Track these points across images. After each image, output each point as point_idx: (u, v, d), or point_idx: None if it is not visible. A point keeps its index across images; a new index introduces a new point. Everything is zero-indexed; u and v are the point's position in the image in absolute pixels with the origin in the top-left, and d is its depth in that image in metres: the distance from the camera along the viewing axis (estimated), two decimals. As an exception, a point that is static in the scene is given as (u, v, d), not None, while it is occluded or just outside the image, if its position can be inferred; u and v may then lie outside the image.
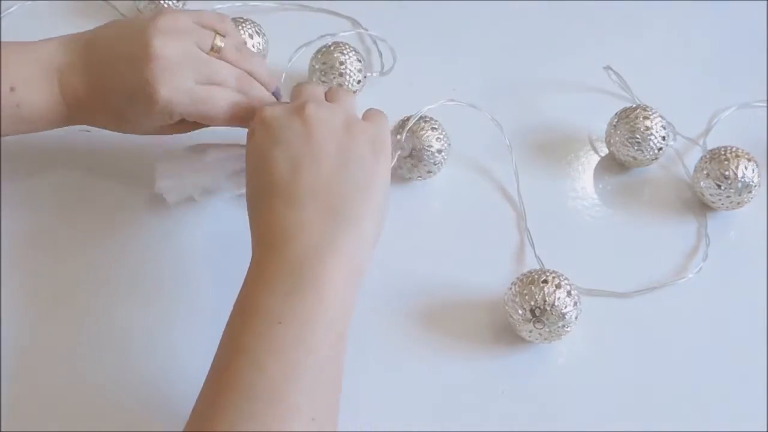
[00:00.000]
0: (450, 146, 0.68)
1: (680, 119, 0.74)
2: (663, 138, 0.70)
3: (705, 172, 0.68)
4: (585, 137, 0.75)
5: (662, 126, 0.70)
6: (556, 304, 0.58)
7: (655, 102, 0.72)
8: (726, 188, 0.67)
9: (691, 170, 0.70)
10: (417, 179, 0.69)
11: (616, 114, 0.71)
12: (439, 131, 0.67)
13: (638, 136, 0.69)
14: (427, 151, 0.67)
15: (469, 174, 0.71)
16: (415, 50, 0.81)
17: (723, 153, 0.68)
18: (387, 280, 0.62)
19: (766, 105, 0.78)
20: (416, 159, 0.67)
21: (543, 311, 0.58)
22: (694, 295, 0.64)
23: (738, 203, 0.68)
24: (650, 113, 0.70)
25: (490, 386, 0.59)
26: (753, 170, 0.67)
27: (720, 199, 0.68)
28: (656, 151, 0.70)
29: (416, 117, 0.67)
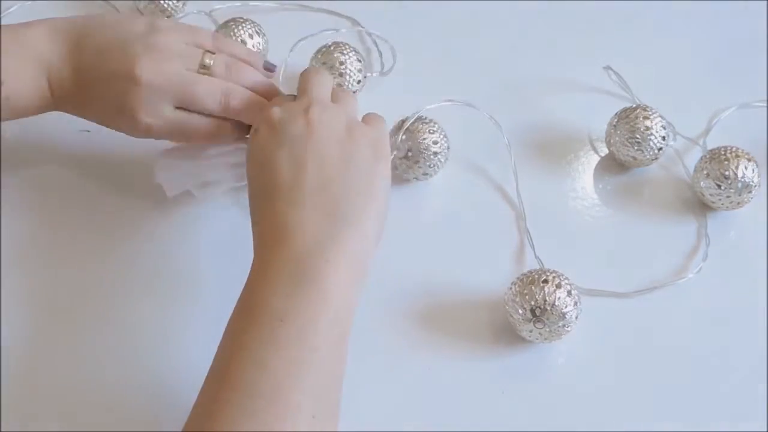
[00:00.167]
0: (449, 147, 0.68)
1: (680, 119, 0.74)
2: (663, 138, 0.70)
3: (705, 172, 0.68)
4: (585, 137, 0.75)
5: (662, 126, 0.70)
6: (557, 304, 0.58)
7: (655, 102, 0.72)
8: (726, 188, 0.67)
9: (691, 170, 0.70)
10: (414, 180, 0.69)
11: (616, 114, 0.71)
12: (438, 133, 0.67)
13: (638, 136, 0.69)
14: (424, 153, 0.67)
15: (469, 174, 0.71)
16: (415, 50, 0.81)
17: (723, 153, 0.68)
18: (387, 280, 0.62)
19: (766, 105, 0.78)
20: (413, 160, 0.67)
21: (543, 311, 0.58)
22: (694, 295, 0.64)
23: (738, 203, 0.68)
24: (650, 113, 0.70)
25: (490, 386, 0.59)
26: (753, 170, 0.67)
27: (720, 199, 0.68)
28: (656, 151, 0.70)
29: (413, 118, 0.67)
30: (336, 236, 0.52)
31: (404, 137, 0.67)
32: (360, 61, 0.74)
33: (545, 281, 0.58)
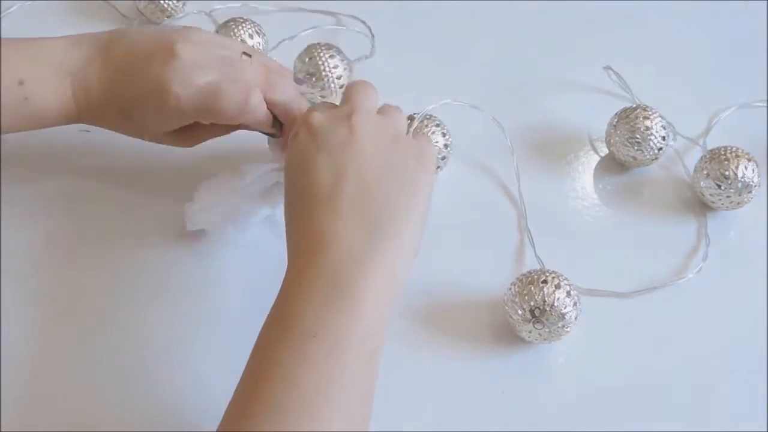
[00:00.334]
0: (452, 141, 0.68)
1: (680, 119, 0.74)
2: (663, 138, 0.70)
3: (705, 172, 0.68)
4: (585, 137, 0.75)
5: (662, 126, 0.70)
6: (556, 305, 0.58)
7: (655, 102, 0.72)
8: (726, 188, 0.67)
9: (691, 170, 0.70)
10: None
11: (616, 114, 0.71)
12: (442, 126, 0.68)
13: (638, 136, 0.69)
14: (434, 147, 0.67)
15: (470, 174, 0.71)
16: (415, 50, 0.81)
17: (723, 153, 0.68)
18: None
19: (766, 105, 0.78)
20: None
21: (543, 311, 0.58)
22: (694, 295, 0.64)
23: (738, 203, 0.68)
24: (650, 113, 0.70)
25: (490, 386, 0.59)
26: (753, 170, 0.67)
27: (720, 199, 0.68)
28: (656, 151, 0.70)
29: (422, 116, 0.67)
30: (374, 250, 0.51)
31: (413, 133, 0.67)
32: (333, 57, 0.73)
33: (544, 282, 0.58)
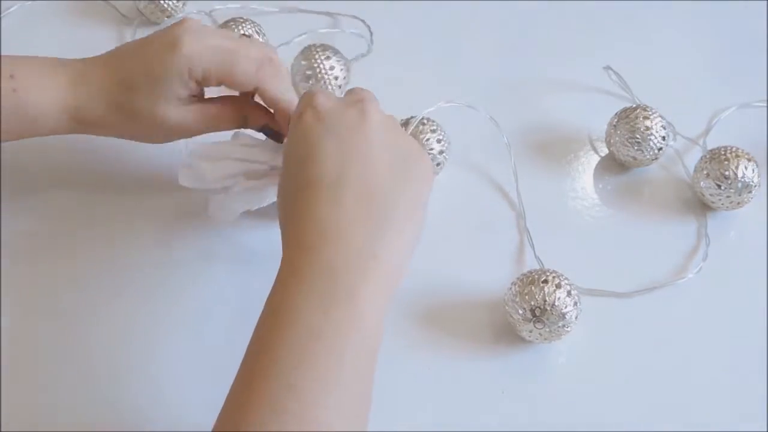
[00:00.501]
0: (450, 147, 0.68)
1: (680, 119, 0.74)
2: (663, 138, 0.70)
3: (705, 172, 0.68)
4: (585, 137, 0.75)
5: (662, 126, 0.70)
6: (556, 304, 0.58)
7: (655, 102, 0.72)
8: (726, 188, 0.67)
9: (691, 170, 0.70)
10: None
11: (616, 114, 0.71)
12: (439, 132, 0.67)
13: (638, 136, 0.69)
14: (430, 153, 0.67)
15: (469, 174, 0.71)
16: (415, 51, 0.81)
17: (723, 153, 0.68)
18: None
19: (766, 105, 0.78)
20: None
21: (543, 311, 0.58)
22: (694, 295, 0.64)
23: (738, 203, 0.68)
24: (650, 113, 0.70)
25: (490, 386, 0.59)
26: (753, 170, 0.67)
27: (720, 199, 0.68)
28: (656, 151, 0.70)
29: (416, 121, 0.67)
30: (377, 246, 0.49)
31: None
32: (329, 59, 0.73)
33: (545, 281, 0.58)
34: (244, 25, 0.75)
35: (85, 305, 0.60)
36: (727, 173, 0.67)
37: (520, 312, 0.58)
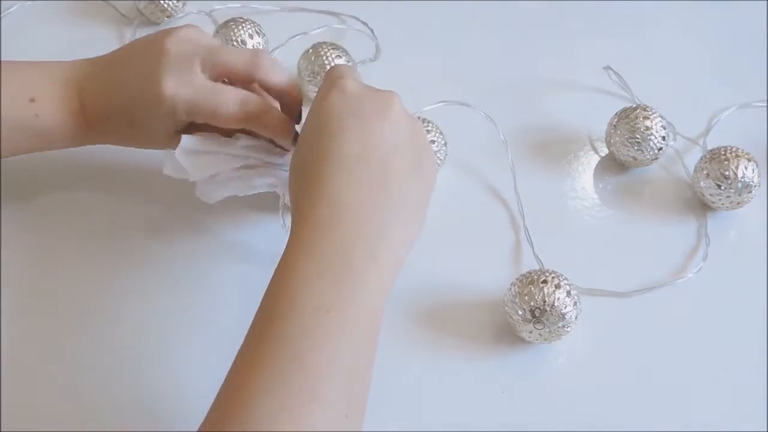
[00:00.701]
0: (446, 146, 0.68)
1: (680, 119, 0.74)
2: (663, 138, 0.70)
3: (705, 172, 0.68)
4: (585, 137, 0.75)
5: (662, 126, 0.70)
6: (556, 305, 0.58)
7: (655, 102, 0.72)
8: (726, 188, 0.67)
9: (691, 170, 0.70)
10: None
11: (616, 114, 0.71)
12: (433, 133, 0.67)
13: (638, 136, 0.69)
14: None
15: (468, 174, 0.71)
16: (415, 50, 0.81)
17: (723, 153, 0.68)
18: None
19: (766, 105, 0.78)
20: None
21: (543, 312, 0.58)
22: (694, 295, 0.64)
23: (738, 203, 0.68)
24: (650, 113, 0.70)
25: (489, 386, 0.59)
26: (753, 170, 0.67)
27: (720, 199, 0.68)
28: (656, 151, 0.70)
29: None
30: (390, 231, 0.50)
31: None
32: (340, 57, 0.73)
33: (544, 282, 0.58)
34: (244, 25, 0.75)
35: (85, 305, 0.60)
36: (727, 173, 0.67)
37: (520, 313, 0.58)
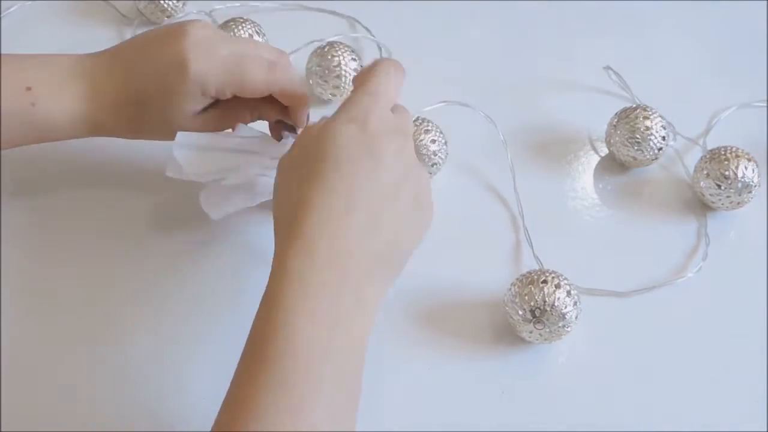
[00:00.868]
0: (447, 145, 0.68)
1: (680, 119, 0.74)
2: (663, 138, 0.70)
3: (705, 172, 0.68)
4: (585, 137, 0.75)
5: (662, 126, 0.70)
6: (556, 305, 0.58)
7: (655, 102, 0.72)
8: (726, 188, 0.67)
9: (691, 170, 0.70)
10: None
11: (616, 114, 0.71)
12: (434, 132, 0.67)
13: (638, 136, 0.69)
14: (424, 155, 0.67)
15: (468, 174, 0.71)
16: (415, 50, 0.81)
17: (723, 153, 0.68)
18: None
19: (766, 105, 0.78)
20: None
21: (543, 311, 0.58)
22: (694, 295, 0.64)
23: (738, 203, 0.68)
24: (650, 113, 0.70)
25: (490, 386, 0.59)
26: (753, 170, 0.67)
27: (720, 199, 0.68)
28: (656, 151, 0.70)
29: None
30: (374, 293, 0.51)
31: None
32: (355, 60, 0.74)
33: (544, 282, 0.58)
34: (244, 25, 0.75)
35: (86, 305, 0.60)
36: (727, 173, 0.67)
37: (520, 313, 0.58)
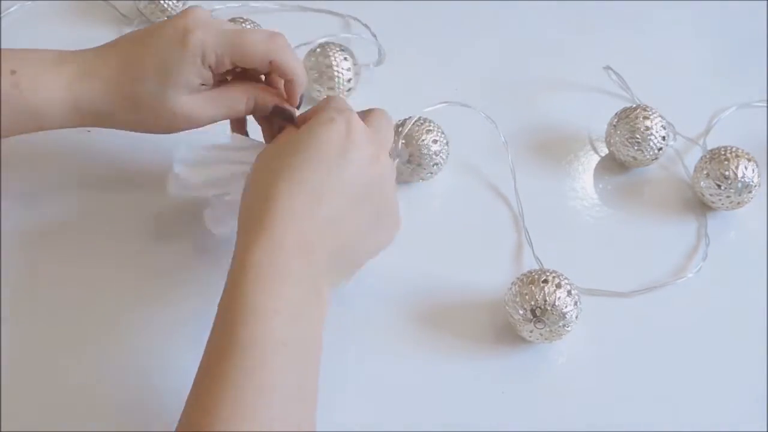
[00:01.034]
0: (448, 145, 0.68)
1: (680, 119, 0.74)
2: (663, 138, 0.70)
3: (705, 172, 0.68)
4: (585, 137, 0.75)
5: (662, 126, 0.70)
6: (557, 304, 0.58)
7: (655, 102, 0.72)
8: (726, 188, 0.67)
9: (691, 170, 0.70)
10: (419, 181, 0.69)
11: (616, 114, 0.71)
12: (435, 132, 0.67)
13: (638, 136, 0.69)
14: (426, 155, 0.67)
15: (469, 174, 0.71)
16: (415, 50, 0.81)
17: (723, 153, 0.68)
18: (387, 281, 0.62)
19: (766, 105, 0.78)
20: (415, 163, 0.67)
21: (543, 311, 0.58)
22: (694, 295, 0.64)
23: (738, 203, 0.68)
24: (650, 113, 0.70)
25: (490, 386, 0.59)
26: (753, 170, 0.67)
27: (720, 199, 0.68)
28: (656, 151, 0.70)
29: (411, 123, 0.67)
30: (335, 270, 0.53)
31: (403, 142, 0.67)
32: (347, 60, 0.73)
33: (545, 281, 0.58)
34: (244, 25, 0.75)
35: (86, 305, 0.60)
36: (727, 173, 0.67)
37: (521, 312, 0.58)
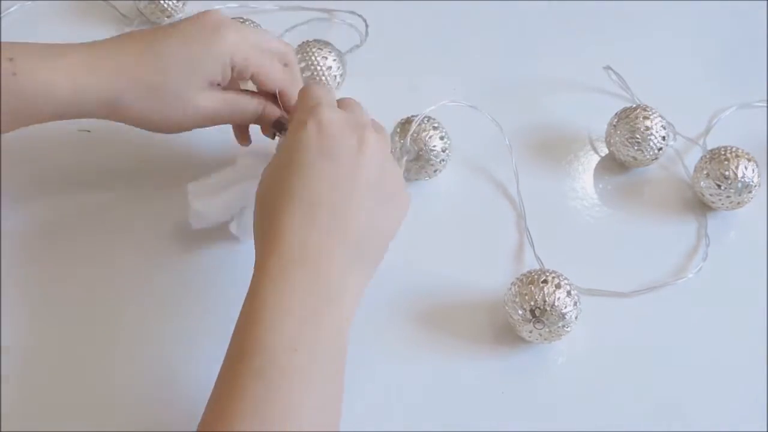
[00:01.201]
0: (451, 143, 0.68)
1: (680, 119, 0.74)
2: (663, 138, 0.70)
3: (705, 172, 0.68)
4: (585, 137, 0.75)
5: (662, 126, 0.70)
6: (556, 304, 0.58)
7: (655, 102, 0.72)
8: (726, 188, 0.67)
9: (691, 170, 0.70)
10: (425, 179, 0.69)
11: (616, 114, 0.71)
12: (440, 129, 0.68)
13: (638, 136, 0.69)
14: (432, 151, 0.67)
15: (469, 174, 0.71)
16: (415, 50, 0.81)
17: (723, 153, 0.68)
18: (387, 281, 0.62)
19: (766, 105, 0.78)
20: (423, 161, 0.67)
21: (543, 311, 0.58)
22: (694, 295, 0.64)
23: (738, 203, 0.68)
24: (650, 113, 0.70)
25: (490, 386, 0.59)
26: (753, 170, 0.67)
27: (720, 199, 0.68)
28: (656, 151, 0.70)
29: (418, 121, 0.67)
30: (349, 273, 0.51)
31: (411, 138, 0.67)
32: (331, 53, 0.73)
33: (545, 281, 0.58)
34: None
35: (86, 305, 0.60)
36: (727, 173, 0.67)
37: (520, 312, 0.58)
